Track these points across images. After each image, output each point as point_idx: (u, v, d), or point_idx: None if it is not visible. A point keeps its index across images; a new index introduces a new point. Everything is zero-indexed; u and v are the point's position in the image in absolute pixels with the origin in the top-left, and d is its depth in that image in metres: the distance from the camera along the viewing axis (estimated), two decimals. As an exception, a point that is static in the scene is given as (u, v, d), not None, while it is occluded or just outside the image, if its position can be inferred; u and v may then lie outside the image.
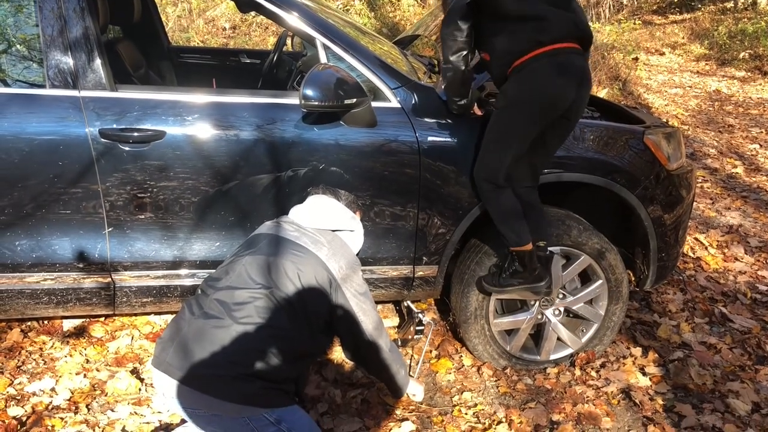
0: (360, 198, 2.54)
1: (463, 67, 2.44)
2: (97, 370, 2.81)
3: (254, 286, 2.04)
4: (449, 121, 2.62)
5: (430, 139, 2.58)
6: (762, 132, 7.74)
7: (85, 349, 2.95)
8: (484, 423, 2.65)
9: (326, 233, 2.24)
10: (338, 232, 2.30)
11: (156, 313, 3.17)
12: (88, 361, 2.88)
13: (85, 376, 2.77)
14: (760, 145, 7.16)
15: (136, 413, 2.57)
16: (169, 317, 3.18)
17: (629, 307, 3.16)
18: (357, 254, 2.35)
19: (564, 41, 2.37)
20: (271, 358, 1.98)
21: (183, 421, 2.44)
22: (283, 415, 2.00)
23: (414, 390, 2.54)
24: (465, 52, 2.42)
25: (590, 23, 9.96)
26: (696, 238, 4.55)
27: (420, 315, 2.86)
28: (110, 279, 2.54)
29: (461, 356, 3.06)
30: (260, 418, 1.96)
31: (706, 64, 12.36)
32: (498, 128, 2.48)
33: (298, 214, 2.29)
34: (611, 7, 13.25)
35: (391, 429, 2.58)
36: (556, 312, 2.94)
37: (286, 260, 2.08)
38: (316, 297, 2.08)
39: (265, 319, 2.00)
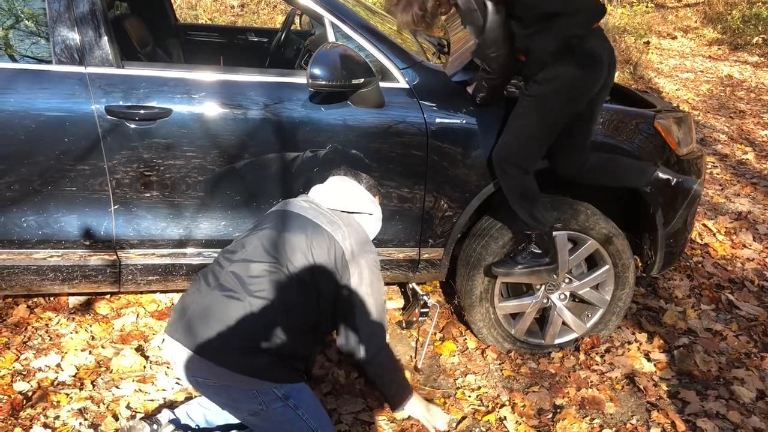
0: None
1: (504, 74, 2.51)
2: (103, 347, 2.83)
3: (269, 260, 2.05)
4: (458, 102, 2.60)
5: (438, 120, 2.55)
6: (774, 118, 7.66)
7: (91, 326, 2.97)
8: (488, 406, 2.65)
9: (343, 215, 2.23)
10: (356, 215, 2.28)
11: (161, 292, 3.18)
12: (93, 338, 2.89)
13: (90, 352, 2.78)
14: (772, 132, 7.09)
15: (140, 390, 2.58)
16: (175, 296, 3.19)
17: (635, 293, 3.14)
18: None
19: (593, 24, 2.41)
20: (282, 333, 2.00)
21: (188, 399, 2.46)
22: (291, 392, 2.02)
23: (415, 409, 2.35)
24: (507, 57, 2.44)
25: (602, 5, 9.82)
26: (704, 224, 4.53)
27: (425, 297, 2.86)
28: (116, 256, 2.54)
29: (465, 339, 3.06)
30: (268, 392, 1.98)
31: (719, 48, 12.21)
32: (536, 115, 2.47)
33: (318, 193, 2.29)
34: (624, -11, 13.08)
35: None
36: (562, 296, 2.93)
37: (301, 237, 2.09)
38: (327, 275, 2.08)
39: (278, 293, 2.01)
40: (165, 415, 2.26)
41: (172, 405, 2.49)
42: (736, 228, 4.57)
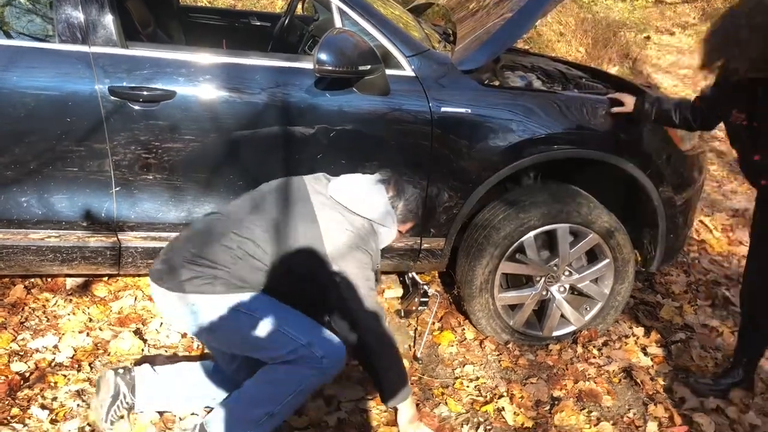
0: (367, 167, 2.50)
1: None
2: (100, 330, 2.81)
3: (258, 222, 2.09)
4: (463, 92, 2.58)
5: (443, 110, 2.54)
6: (771, 117, 7.67)
7: (88, 308, 2.95)
8: (486, 396, 2.65)
9: (352, 215, 2.18)
10: (364, 220, 2.20)
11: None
12: (91, 320, 2.87)
13: (88, 334, 2.77)
14: (769, 130, 7.10)
15: (138, 373, 2.57)
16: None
17: (633, 288, 3.15)
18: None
19: None
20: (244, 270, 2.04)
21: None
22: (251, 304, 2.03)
23: (403, 414, 2.27)
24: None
25: (603, -1, 9.74)
26: (701, 221, 4.54)
27: (425, 287, 2.86)
28: (116, 238, 2.52)
29: (464, 329, 3.06)
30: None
31: (717, 45, 12.19)
32: None
33: (336, 184, 2.25)
34: (623, -16, 13.06)
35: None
36: (561, 289, 2.94)
37: (297, 216, 2.11)
38: (304, 260, 2.08)
39: (255, 246, 2.05)
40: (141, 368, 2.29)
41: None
42: (733, 225, 4.59)
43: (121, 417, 2.23)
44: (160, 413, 2.35)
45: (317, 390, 2.50)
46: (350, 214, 2.17)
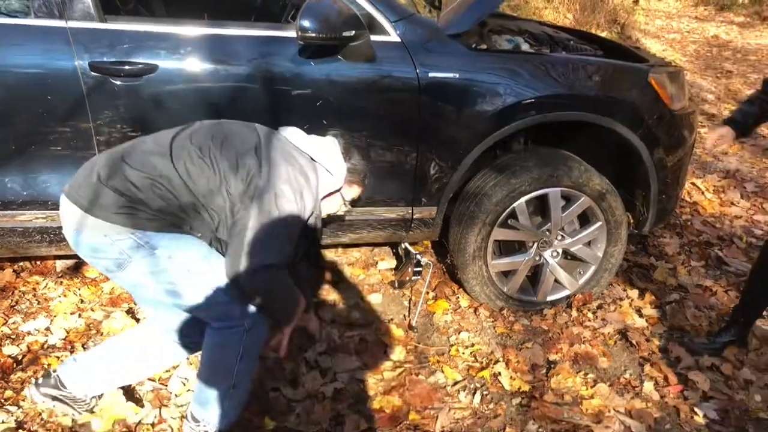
0: (356, 138, 2.47)
1: None
2: (92, 310, 2.79)
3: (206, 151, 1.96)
4: (451, 57, 2.54)
5: (430, 75, 2.50)
6: (760, 78, 7.62)
7: (79, 289, 2.92)
8: (482, 362, 2.66)
9: (295, 149, 2.10)
10: (318, 165, 2.14)
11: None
12: (82, 301, 2.85)
13: (80, 315, 2.75)
14: (758, 91, 7.09)
15: (133, 352, 2.56)
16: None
17: (626, 250, 3.16)
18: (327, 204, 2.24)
19: None
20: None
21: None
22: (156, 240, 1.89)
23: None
24: None
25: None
26: (693, 183, 4.54)
27: (418, 256, 2.84)
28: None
29: (458, 297, 3.06)
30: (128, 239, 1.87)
31: (705, 9, 12.18)
32: None
33: (288, 129, 2.20)
34: (610, -51, 12.96)
35: (388, 369, 2.58)
36: (554, 254, 2.93)
37: (234, 136, 2.02)
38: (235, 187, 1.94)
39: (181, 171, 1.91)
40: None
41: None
42: (725, 186, 4.59)
43: (91, 411, 2.22)
44: (155, 390, 2.34)
45: (313, 362, 2.51)
46: (296, 151, 2.10)
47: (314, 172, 2.11)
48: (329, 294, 3.04)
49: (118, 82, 2.30)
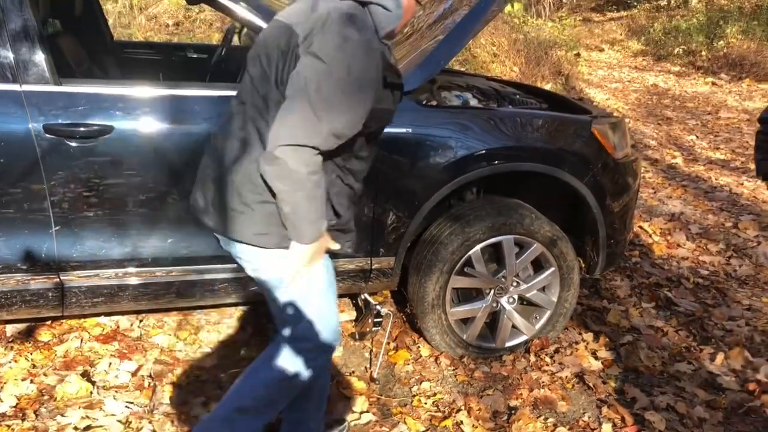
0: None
1: None
2: (45, 375, 2.71)
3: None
4: (403, 113, 2.61)
5: (384, 130, 2.56)
6: (698, 124, 8.04)
7: (31, 353, 2.85)
8: (444, 411, 2.67)
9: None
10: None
11: (107, 314, 3.08)
12: (34, 366, 2.77)
13: (32, 381, 2.67)
14: (697, 137, 7.44)
15: (87, 417, 2.49)
16: (120, 318, 3.10)
17: (579, 295, 3.25)
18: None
19: None
20: None
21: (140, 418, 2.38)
22: None
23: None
24: None
25: (531, 20, 10.18)
26: (640, 226, 4.70)
27: (378, 307, 2.87)
28: (58, 279, 2.45)
29: (419, 347, 3.08)
30: None
31: (644, 59, 12.77)
32: None
33: None
34: (551, 4, 13.56)
35: (351, 421, 2.57)
36: (511, 300, 2.99)
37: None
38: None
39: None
40: None
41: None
42: (671, 229, 4.76)
43: None
44: None
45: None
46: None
47: (368, 21, 1.79)
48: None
49: (73, 144, 2.31)
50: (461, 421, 2.58)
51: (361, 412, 2.63)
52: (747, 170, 6.19)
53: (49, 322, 3.03)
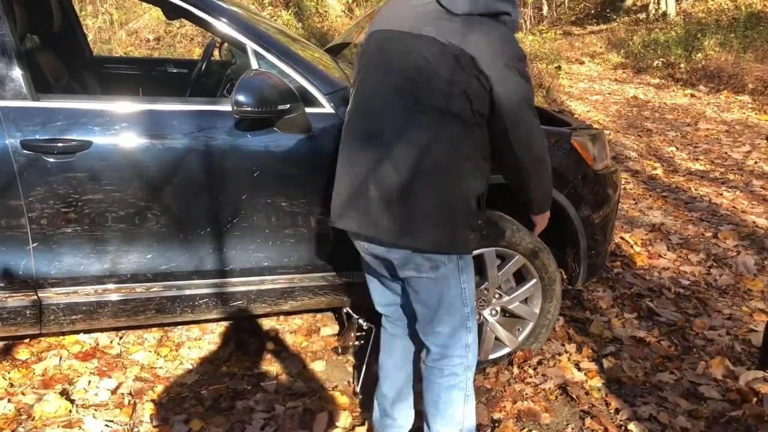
0: (295, 206, 2.51)
1: None
2: (23, 394, 2.68)
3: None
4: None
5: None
6: (678, 135, 8.12)
7: (9, 372, 2.81)
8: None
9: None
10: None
11: (86, 331, 3.04)
12: (12, 385, 2.73)
13: (9, 400, 2.63)
14: (677, 148, 7.52)
15: (66, 436, 2.46)
16: (100, 335, 3.07)
17: (562, 306, 3.25)
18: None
19: None
20: None
21: None
22: None
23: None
24: None
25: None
26: (622, 237, 4.73)
27: (360, 321, 2.86)
28: (36, 297, 2.42)
29: (402, 361, 3.06)
30: None
31: (624, 72, 12.92)
32: None
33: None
34: (532, 18, 13.73)
35: (335, 437, 2.56)
36: (493, 312, 2.99)
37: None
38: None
39: None
40: None
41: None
42: (651, 239, 4.80)
43: None
44: None
45: None
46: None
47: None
48: (271, 364, 3.01)
49: (51, 160, 2.29)
50: (445, 435, 2.57)
51: (350, 428, 2.61)
52: (726, 181, 6.27)
53: (27, 340, 2.99)
